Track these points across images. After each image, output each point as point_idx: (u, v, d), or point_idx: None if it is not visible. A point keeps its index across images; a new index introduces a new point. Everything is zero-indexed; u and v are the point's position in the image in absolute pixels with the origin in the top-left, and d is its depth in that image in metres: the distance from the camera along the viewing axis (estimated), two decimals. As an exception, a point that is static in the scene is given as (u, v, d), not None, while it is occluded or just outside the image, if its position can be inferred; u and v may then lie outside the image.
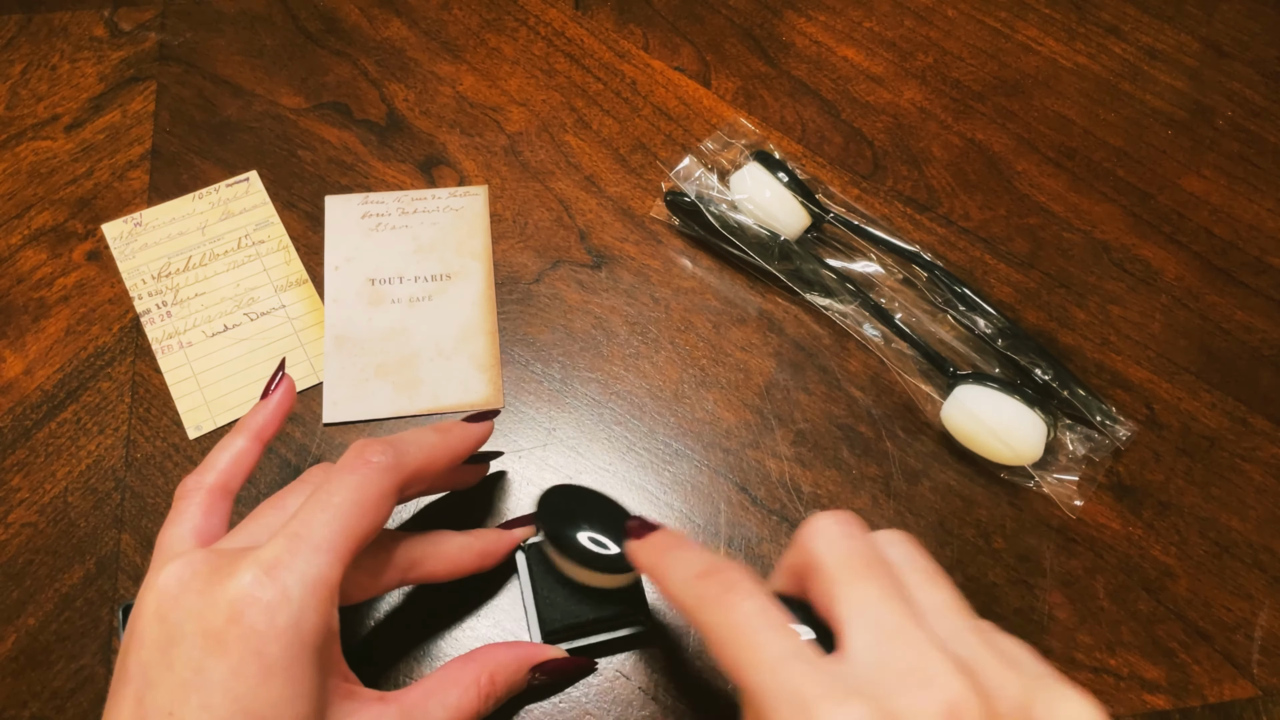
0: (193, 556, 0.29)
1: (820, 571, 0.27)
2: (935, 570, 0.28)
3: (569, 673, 0.38)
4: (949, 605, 0.27)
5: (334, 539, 0.29)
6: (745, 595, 0.26)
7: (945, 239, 0.50)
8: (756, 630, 0.26)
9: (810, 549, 0.28)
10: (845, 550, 0.27)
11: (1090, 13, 0.58)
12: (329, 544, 0.29)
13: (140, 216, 0.50)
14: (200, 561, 0.29)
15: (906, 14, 0.58)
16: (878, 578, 0.26)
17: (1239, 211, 0.52)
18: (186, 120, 0.53)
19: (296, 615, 0.28)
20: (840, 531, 0.28)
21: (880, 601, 0.26)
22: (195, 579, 0.28)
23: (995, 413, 0.42)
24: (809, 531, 0.28)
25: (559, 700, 0.38)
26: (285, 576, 0.28)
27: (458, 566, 0.37)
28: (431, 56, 0.55)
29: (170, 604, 0.28)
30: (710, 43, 0.57)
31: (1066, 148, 0.53)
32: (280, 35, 0.56)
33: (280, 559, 0.28)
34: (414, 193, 0.51)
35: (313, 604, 0.28)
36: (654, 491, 0.43)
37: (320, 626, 0.28)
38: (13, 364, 0.46)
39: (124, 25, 0.56)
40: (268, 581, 0.28)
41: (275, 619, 0.27)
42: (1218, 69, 0.56)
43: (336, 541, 0.29)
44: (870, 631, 0.25)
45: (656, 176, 0.52)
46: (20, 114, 0.53)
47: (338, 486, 0.31)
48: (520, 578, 0.40)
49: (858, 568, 0.27)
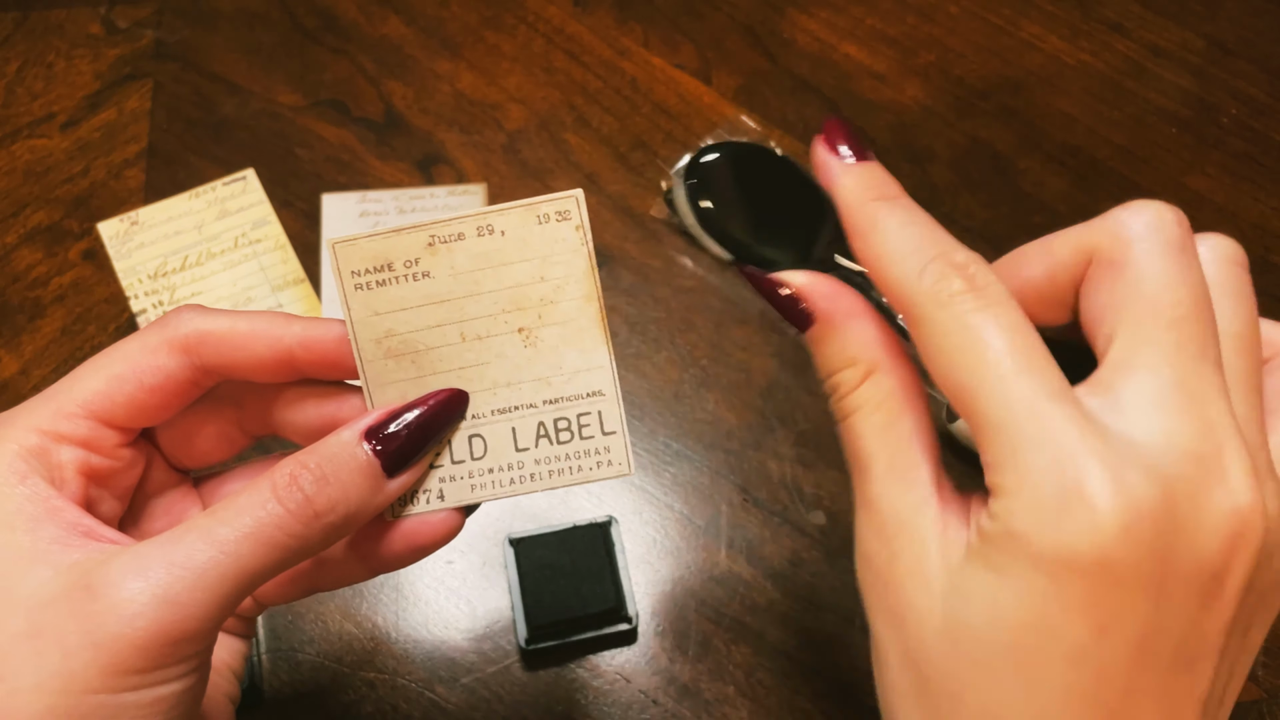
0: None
1: (1121, 271, 0.21)
2: (1249, 299, 0.22)
3: (418, 424, 0.25)
4: (1249, 370, 0.21)
5: (55, 393, 0.25)
6: (995, 301, 0.21)
7: (948, 238, 0.50)
8: (1010, 352, 0.20)
9: (1121, 238, 0.21)
10: (1166, 270, 0.21)
11: (1094, 10, 0.58)
12: (46, 400, 0.25)
13: (136, 215, 0.49)
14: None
15: (909, 11, 0.58)
16: (1192, 320, 0.20)
17: (1243, 210, 0.51)
18: (183, 118, 0.52)
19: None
20: (1167, 238, 0.21)
21: (1185, 348, 0.20)
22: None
23: (998, 413, 0.41)
24: (1127, 219, 0.21)
25: (559, 702, 0.38)
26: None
27: (271, 357, 0.26)
28: (430, 54, 0.55)
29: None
30: (711, 40, 0.56)
31: (1070, 146, 0.53)
32: (277, 32, 0.56)
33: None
34: (412, 191, 0.50)
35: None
36: (654, 493, 0.43)
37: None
38: (8, 364, 0.45)
39: (120, 23, 0.56)
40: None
41: None
42: (1222, 67, 0.56)
43: (59, 399, 0.25)
44: (1159, 381, 0.20)
45: (656, 175, 0.51)
46: (16, 112, 0.52)
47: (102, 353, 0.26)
48: (508, 573, 0.39)
49: (1175, 295, 0.20)
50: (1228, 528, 0.19)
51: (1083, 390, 0.21)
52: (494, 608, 0.40)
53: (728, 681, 0.39)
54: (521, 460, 0.26)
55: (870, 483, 0.23)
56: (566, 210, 0.25)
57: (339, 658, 0.40)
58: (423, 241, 0.25)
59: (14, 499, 0.24)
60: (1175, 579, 0.19)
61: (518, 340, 0.26)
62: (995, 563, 0.20)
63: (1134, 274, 0.21)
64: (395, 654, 0.39)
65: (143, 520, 0.28)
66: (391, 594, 0.41)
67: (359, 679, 0.39)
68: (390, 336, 0.26)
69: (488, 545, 0.41)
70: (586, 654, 0.39)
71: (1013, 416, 0.20)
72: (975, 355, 0.20)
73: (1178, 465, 0.19)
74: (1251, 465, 0.20)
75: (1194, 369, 0.20)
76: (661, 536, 0.42)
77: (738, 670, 0.40)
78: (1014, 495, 0.20)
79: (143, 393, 0.25)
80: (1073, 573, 0.19)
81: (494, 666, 0.39)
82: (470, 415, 0.26)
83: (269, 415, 0.28)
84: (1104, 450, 0.19)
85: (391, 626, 0.40)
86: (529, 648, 0.38)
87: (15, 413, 0.25)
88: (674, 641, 0.40)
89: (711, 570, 0.41)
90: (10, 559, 0.23)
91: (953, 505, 0.22)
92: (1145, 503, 0.19)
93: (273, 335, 0.25)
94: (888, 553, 0.22)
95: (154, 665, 0.22)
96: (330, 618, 0.40)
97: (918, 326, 0.21)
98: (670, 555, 0.42)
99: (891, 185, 0.23)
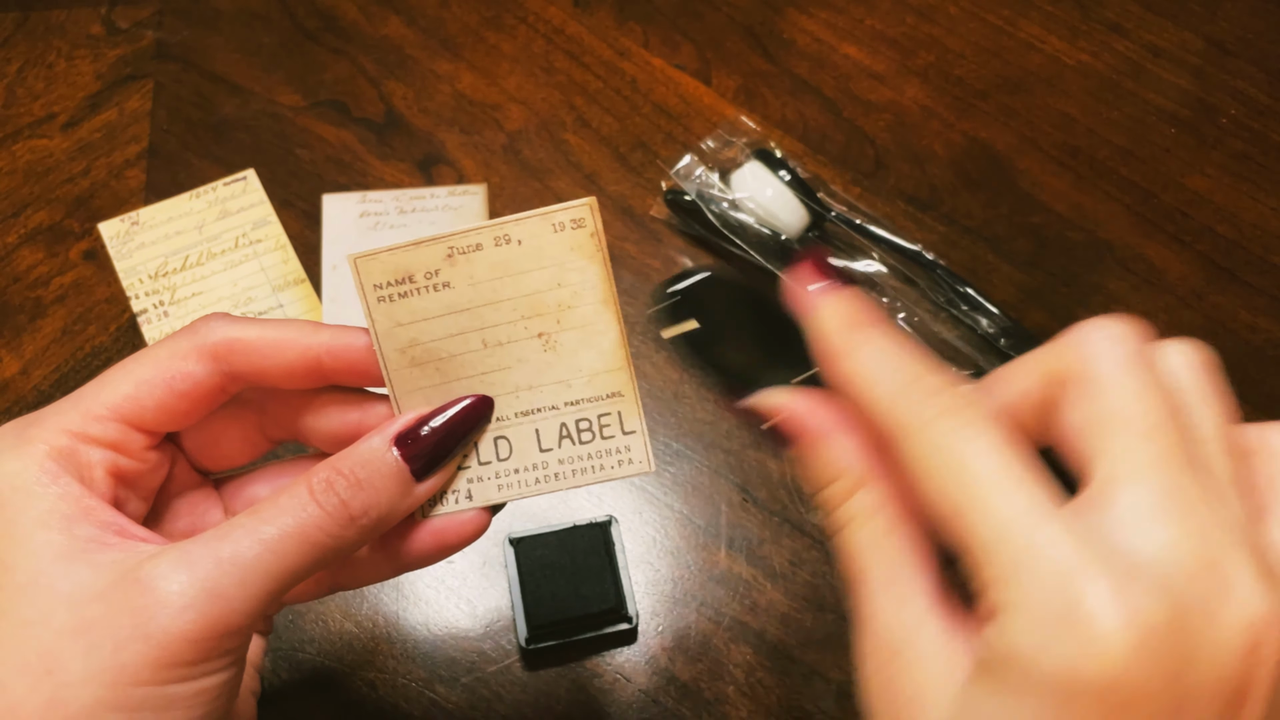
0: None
1: (1089, 390, 0.21)
2: (1221, 399, 0.22)
3: (445, 432, 0.26)
4: (1233, 471, 0.21)
5: (84, 396, 0.26)
6: (978, 419, 0.20)
7: (947, 238, 0.50)
8: (997, 469, 0.20)
9: (1084, 357, 0.21)
10: (1133, 381, 0.20)
11: (1093, 10, 0.58)
12: (75, 403, 0.26)
13: (137, 215, 0.49)
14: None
15: (908, 11, 0.58)
16: (1169, 428, 0.20)
17: (1243, 210, 0.51)
18: (184, 119, 0.53)
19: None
20: (1128, 351, 0.21)
21: (1167, 457, 0.19)
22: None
23: (998, 413, 0.41)
24: (1086, 336, 0.21)
25: (559, 702, 0.38)
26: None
27: (302, 364, 0.26)
28: (430, 54, 0.55)
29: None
30: (711, 40, 0.56)
31: (1069, 146, 0.53)
32: (278, 33, 0.56)
33: (24, 429, 0.25)
34: (412, 191, 0.50)
35: (20, 459, 0.25)
36: (654, 493, 0.43)
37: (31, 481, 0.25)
38: (9, 364, 0.46)
39: (121, 23, 0.56)
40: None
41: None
42: (1221, 67, 0.56)
43: (87, 401, 0.26)
44: (1149, 493, 0.19)
45: (657, 175, 0.51)
46: (17, 112, 0.53)
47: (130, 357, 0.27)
48: (508, 573, 0.39)
49: (1145, 405, 0.20)
50: (1243, 639, 0.18)
51: (1075, 507, 0.20)
52: (494, 607, 0.40)
53: (728, 681, 0.39)
54: (546, 460, 0.27)
55: (867, 599, 0.22)
56: (581, 218, 0.26)
57: (339, 657, 0.40)
58: (442, 253, 0.26)
59: (47, 498, 0.24)
60: (1192, 698, 0.18)
61: (538, 345, 0.27)
62: (1000, 686, 0.19)
63: (1103, 391, 0.20)
64: (395, 653, 0.39)
65: (165, 519, 0.28)
66: (392, 594, 0.41)
67: (359, 678, 0.39)
68: (414, 345, 0.26)
69: (488, 545, 0.41)
70: (586, 654, 0.39)
71: (1007, 533, 0.19)
72: (964, 474, 0.20)
73: (1182, 576, 0.18)
74: (1258, 569, 0.19)
75: (1181, 476, 0.19)
76: (661, 536, 0.42)
77: (738, 670, 0.40)
78: (1015, 615, 0.19)
79: (171, 398, 0.26)
80: (1081, 696, 0.18)
81: (494, 666, 0.39)
82: (495, 418, 0.27)
83: (293, 421, 0.28)
84: (1105, 565, 0.18)
85: (391, 626, 0.40)
86: (529, 647, 0.38)
87: (44, 414, 0.26)
88: (674, 641, 0.40)
89: (711, 570, 0.41)
90: (48, 556, 0.23)
91: (955, 619, 0.21)
92: (1153, 618, 0.18)
93: (302, 344, 0.26)
94: (888, 673, 0.21)
95: (202, 657, 0.23)
96: (330, 617, 0.40)
97: (902, 450, 0.21)
98: (670, 555, 0.42)
99: (869, 314, 0.23)
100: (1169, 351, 0.22)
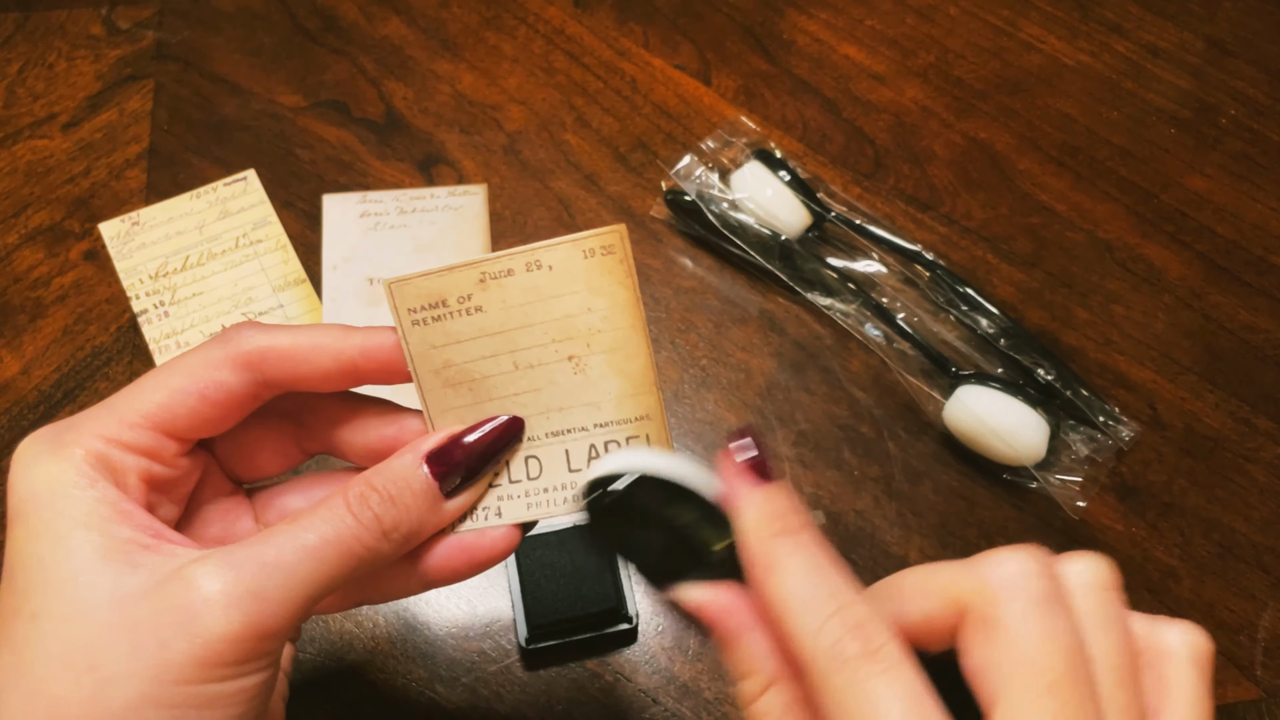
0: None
1: (993, 632, 0.21)
2: (1120, 622, 0.23)
3: (477, 451, 0.27)
4: (1129, 703, 0.21)
5: (118, 403, 0.26)
6: (894, 666, 0.21)
7: (947, 238, 0.50)
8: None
9: (990, 594, 0.21)
10: (1037, 630, 0.21)
11: (1093, 11, 0.58)
12: (110, 409, 0.26)
13: (138, 216, 0.49)
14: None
15: (908, 12, 0.58)
16: (1070, 681, 0.20)
17: (1242, 210, 0.51)
18: (184, 119, 0.53)
19: (43, 480, 0.25)
20: (1033, 593, 0.21)
21: (1063, 714, 0.20)
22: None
23: (997, 413, 0.42)
24: (994, 571, 0.22)
25: (559, 701, 0.38)
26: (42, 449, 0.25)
27: (336, 368, 0.27)
28: (430, 54, 0.55)
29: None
30: (711, 41, 0.56)
31: (1069, 146, 0.53)
32: (278, 33, 0.56)
33: (60, 434, 0.26)
34: (412, 191, 0.50)
35: (64, 468, 0.25)
36: (654, 492, 0.43)
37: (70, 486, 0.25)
38: (9, 364, 0.46)
39: (121, 23, 0.56)
40: (32, 453, 0.26)
41: (31, 488, 0.25)
42: (1221, 67, 0.56)
43: (121, 409, 0.26)
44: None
45: (656, 175, 0.51)
46: (17, 113, 0.53)
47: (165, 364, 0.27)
48: (508, 573, 0.39)
49: (1049, 658, 0.20)
50: None
51: None
52: (494, 607, 0.40)
53: (728, 681, 0.39)
54: (575, 480, 0.27)
55: None
56: (611, 245, 0.26)
57: (339, 657, 0.40)
58: (474, 278, 0.26)
59: (86, 501, 0.24)
60: None
61: (568, 368, 0.27)
62: None
63: (1006, 636, 0.21)
64: (395, 653, 0.40)
65: (197, 525, 0.29)
66: (392, 593, 0.41)
67: (359, 679, 0.39)
68: (448, 367, 0.27)
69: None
70: (586, 654, 0.39)
71: None
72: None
73: None
74: None
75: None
76: (661, 536, 0.42)
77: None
78: None
79: (204, 406, 0.26)
80: None
81: (494, 666, 0.39)
82: (526, 438, 0.27)
83: (329, 435, 0.29)
84: None
85: (392, 626, 0.40)
86: (529, 647, 0.38)
87: (79, 420, 0.26)
88: (674, 641, 0.40)
89: (711, 570, 0.41)
90: (89, 555, 0.24)
91: None
92: None
93: (335, 349, 0.27)
94: None
95: (243, 658, 0.23)
96: (331, 618, 0.40)
97: (815, 686, 0.21)
98: (670, 555, 0.42)
99: (794, 516, 0.23)
100: (1071, 574, 0.22)
